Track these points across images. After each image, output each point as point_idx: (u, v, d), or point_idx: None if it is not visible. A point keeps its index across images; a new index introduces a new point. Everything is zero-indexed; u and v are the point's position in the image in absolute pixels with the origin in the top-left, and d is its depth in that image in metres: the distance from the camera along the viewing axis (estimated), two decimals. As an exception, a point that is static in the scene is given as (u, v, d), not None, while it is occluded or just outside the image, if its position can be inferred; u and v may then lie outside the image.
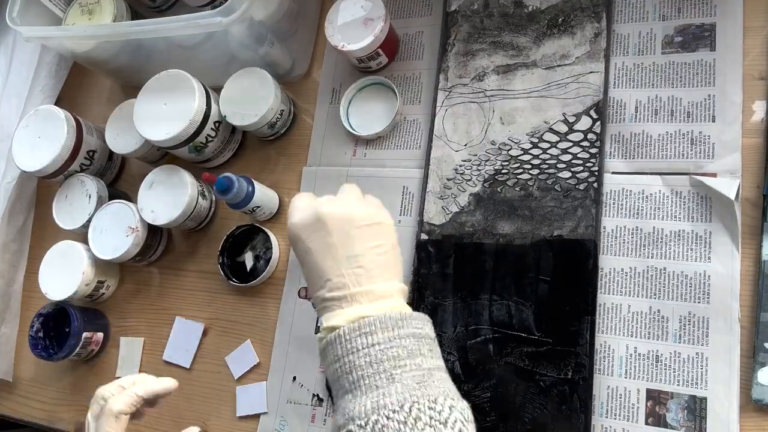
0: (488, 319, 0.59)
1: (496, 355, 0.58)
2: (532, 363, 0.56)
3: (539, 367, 0.56)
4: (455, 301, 0.60)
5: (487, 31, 0.67)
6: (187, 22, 0.62)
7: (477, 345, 0.58)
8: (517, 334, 0.57)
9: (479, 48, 0.66)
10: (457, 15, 0.68)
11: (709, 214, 0.55)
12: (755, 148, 0.55)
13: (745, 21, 0.58)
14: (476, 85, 0.65)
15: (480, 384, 0.57)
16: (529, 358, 0.56)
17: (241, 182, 0.64)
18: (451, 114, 0.65)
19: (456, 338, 0.59)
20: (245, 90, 0.68)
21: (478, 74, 0.65)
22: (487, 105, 0.64)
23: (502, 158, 0.62)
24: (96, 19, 0.75)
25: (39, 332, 0.71)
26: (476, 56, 0.66)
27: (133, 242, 0.69)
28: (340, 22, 0.66)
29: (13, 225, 0.80)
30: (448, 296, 0.61)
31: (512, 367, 0.57)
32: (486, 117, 0.64)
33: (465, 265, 0.61)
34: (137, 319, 0.75)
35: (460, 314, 0.60)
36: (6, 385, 0.78)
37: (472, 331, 0.59)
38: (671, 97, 0.58)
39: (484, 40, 0.66)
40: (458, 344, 0.59)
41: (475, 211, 0.62)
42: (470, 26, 0.67)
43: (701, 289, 0.53)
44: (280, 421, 0.64)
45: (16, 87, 0.81)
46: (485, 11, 0.67)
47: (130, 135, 0.72)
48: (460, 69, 0.66)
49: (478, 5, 0.68)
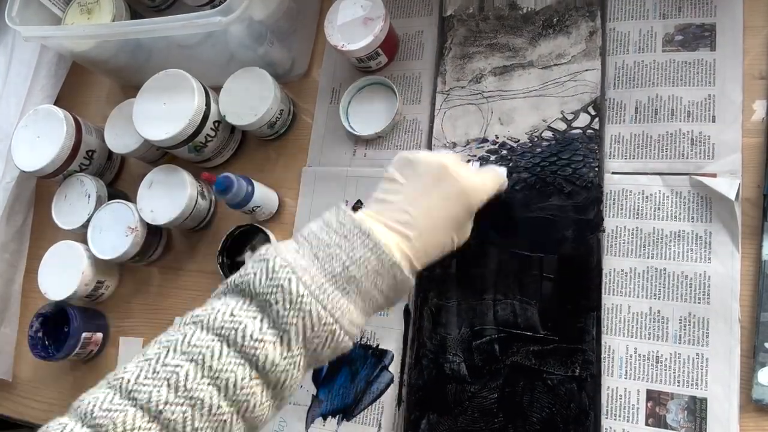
0: (493, 318, 0.58)
1: (502, 355, 0.57)
2: (539, 361, 0.56)
3: (546, 365, 0.56)
4: (459, 301, 0.60)
5: (482, 33, 0.67)
6: (187, 21, 0.62)
7: (482, 345, 0.58)
8: (522, 333, 0.57)
9: (476, 51, 0.66)
10: (452, 19, 0.68)
11: (709, 215, 0.55)
12: (755, 148, 0.55)
13: (745, 21, 0.58)
14: (474, 87, 0.65)
15: (487, 385, 0.57)
16: (535, 356, 0.56)
17: (241, 182, 0.64)
18: (450, 116, 0.65)
19: (461, 339, 0.59)
20: (245, 90, 0.68)
21: (476, 76, 0.66)
22: (485, 106, 0.64)
23: (502, 158, 0.62)
24: (95, 19, 0.75)
25: (38, 332, 0.71)
26: (473, 59, 0.66)
27: (132, 242, 0.69)
28: (339, 22, 0.66)
29: (12, 225, 0.80)
30: (451, 297, 0.60)
31: (519, 367, 0.56)
32: (485, 118, 0.64)
33: (468, 265, 0.61)
34: (137, 319, 0.74)
35: (464, 315, 0.60)
36: (5, 385, 0.78)
37: (477, 331, 0.59)
38: (671, 96, 0.58)
39: (481, 43, 0.66)
40: (463, 346, 0.59)
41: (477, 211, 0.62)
42: (466, 30, 0.67)
43: (701, 289, 0.53)
44: (280, 422, 0.64)
45: (15, 86, 0.81)
46: (480, 14, 0.67)
47: (129, 135, 0.72)
48: (458, 72, 0.67)
49: (473, 9, 0.68)
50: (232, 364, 0.39)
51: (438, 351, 0.59)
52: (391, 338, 0.62)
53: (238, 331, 0.40)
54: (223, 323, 0.40)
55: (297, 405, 0.64)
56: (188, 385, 0.38)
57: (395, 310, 0.63)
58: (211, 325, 0.41)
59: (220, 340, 0.40)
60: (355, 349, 0.63)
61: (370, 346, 0.63)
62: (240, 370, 0.40)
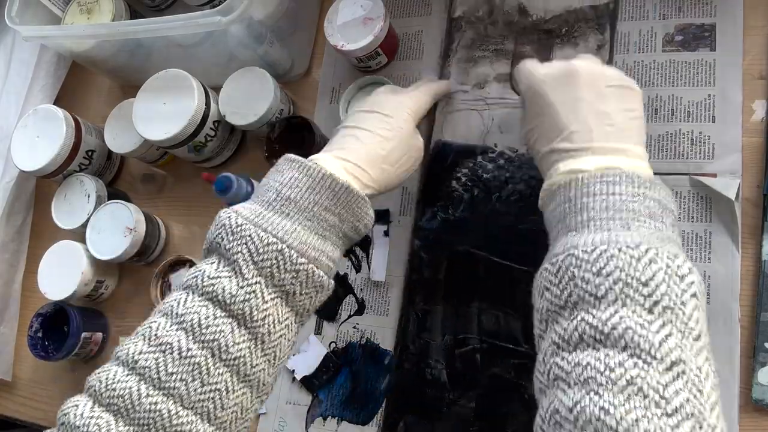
0: (477, 328, 0.58)
1: (483, 365, 0.57)
2: (518, 375, 0.56)
3: (524, 379, 0.55)
4: (445, 307, 0.60)
5: (490, 38, 0.66)
6: (186, 21, 0.62)
7: (464, 354, 0.58)
8: (504, 345, 0.57)
9: (482, 55, 0.65)
10: (461, 21, 0.67)
11: (709, 215, 0.55)
12: (755, 148, 0.55)
13: (745, 21, 0.58)
14: (477, 92, 0.65)
15: (465, 393, 0.57)
16: (515, 370, 0.56)
17: (241, 182, 0.64)
18: (451, 120, 0.65)
19: (444, 346, 0.59)
20: (244, 89, 0.68)
21: (480, 81, 0.65)
22: (486, 113, 0.64)
23: (499, 166, 0.62)
24: (95, 19, 0.75)
25: (38, 332, 0.71)
26: (478, 63, 0.65)
27: (131, 243, 0.69)
28: (339, 22, 0.66)
29: (12, 225, 0.80)
30: (438, 302, 0.60)
31: (498, 379, 0.56)
32: (485, 125, 0.63)
33: (456, 272, 0.60)
34: (137, 318, 0.73)
35: (449, 322, 0.59)
36: (5, 385, 0.78)
37: (460, 339, 0.59)
38: (671, 96, 0.58)
39: (487, 48, 0.65)
40: (446, 352, 0.59)
41: (470, 218, 0.61)
42: (474, 33, 0.66)
43: (701, 289, 0.53)
44: (280, 422, 0.64)
45: (14, 86, 0.81)
46: (489, 18, 0.66)
47: (129, 134, 0.72)
48: (462, 76, 0.66)
49: (483, 12, 0.67)
50: (196, 306, 0.42)
51: (420, 355, 0.60)
52: (391, 338, 0.62)
53: (198, 276, 0.43)
54: (188, 277, 0.44)
55: (297, 405, 0.64)
56: (158, 333, 0.41)
57: (395, 310, 0.63)
58: (182, 282, 0.44)
59: (186, 291, 0.43)
60: (355, 349, 0.63)
61: (371, 347, 0.63)
62: (203, 311, 0.42)
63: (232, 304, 0.42)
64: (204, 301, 0.42)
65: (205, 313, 0.41)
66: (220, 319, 0.41)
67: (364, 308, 0.64)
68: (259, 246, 0.42)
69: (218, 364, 0.41)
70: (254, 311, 0.42)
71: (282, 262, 0.43)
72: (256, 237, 0.42)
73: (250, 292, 0.42)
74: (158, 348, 0.41)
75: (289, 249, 0.43)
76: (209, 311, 0.42)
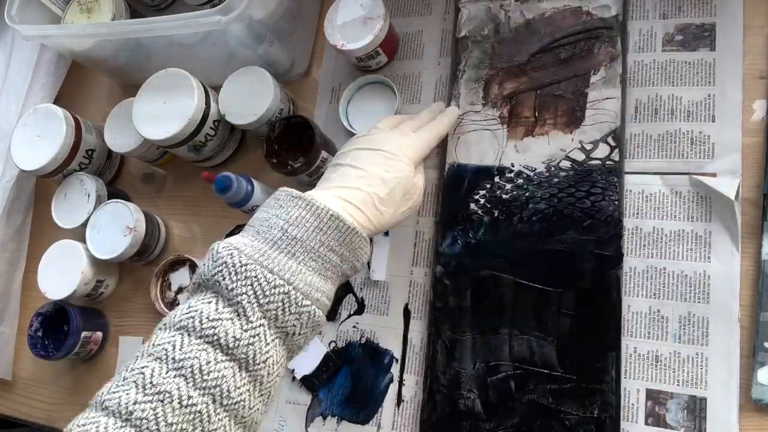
0: (508, 354, 0.57)
1: (518, 392, 0.55)
2: (556, 401, 0.54)
3: (563, 404, 0.54)
4: (474, 335, 0.58)
5: (497, 56, 0.64)
6: (186, 20, 0.62)
7: (497, 382, 0.56)
8: (539, 370, 0.55)
9: (490, 74, 0.64)
10: (467, 41, 0.66)
11: (709, 214, 0.55)
12: (755, 148, 0.55)
13: (745, 21, 0.58)
14: (488, 111, 0.63)
15: (502, 423, 0.55)
16: (552, 395, 0.54)
17: (241, 181, 0.64)
18: (464, 141, 0.64)
19: (476, 375, 0.57)
20: (244, 89, 0.68)
21: (491, 101, 0.64)
22: (500, 132, 0.63)
23: (518, 186, 0.60)
24: (95, 18, 0.75)
25: (38, 331, 0.71)
26: (488, 82, 0.64)
27: (130, 242, 0.69)
28: (339, 21, 0.66)
29: (12, 224, 0.80)
30: (466, 331, 0.59)
31: (535, 405, 0.55)
32: (500, 144, 0.62)
33: (483, 297, 0.59)
34: (136, 318, 0.74)
35: (479, 350, 0.58)
36: (5, 384, 0.78)
37: (492, 367, 0.57)
38: (671, 96, 0.58)
39: (495, 66, 0.64)
40: (478, 381, 0.57)
41: (492, 241, 0.60)
42: (481, 52, 0.65)
43: (701, 289, 0.53)
44: (279, 422, 0.64)
45: (14, 85, 0.81)
46: (496, 37, 0.65)
47: (129, 134, 0.72)
48: (472, 96, 0.64)
49: (489, 30, 0.65)
50: (195, 350, 0.39)
51: (452, 386, 0.58)
52: (391, 338, 0.62)
53: (195, 317, 0.40)
54: (181, 317, 0.41)
55: (297, 405, 0.64)
56: (154, 381, 0.38)
57: (395, 310, 0.63)
58: (172, 322, 0.41)
59: (181, 333, 0.40)
60: (355, 348, 0.63)
61: (370, 346, 0.63)
62: (203, 355, 0.39)
63: (236, 348, 0.40)
64: (203, 345, 0.40)
65: (205, 358, 0.39)
66: (221, 364, 0.39)
67: (364, 308, 0.64)
68: (266, 288, 0.41)
69: (219, 410, 0.39)
70: (257, 354, 0.40)
71: (288, 305, 0.41)
72: (263, 278, 0.41)
73: (254, 335, 0.40)
74: (156, 397, 0.38)
75: (295, 291, 0.42)
76: (210, 356, 0.39)
